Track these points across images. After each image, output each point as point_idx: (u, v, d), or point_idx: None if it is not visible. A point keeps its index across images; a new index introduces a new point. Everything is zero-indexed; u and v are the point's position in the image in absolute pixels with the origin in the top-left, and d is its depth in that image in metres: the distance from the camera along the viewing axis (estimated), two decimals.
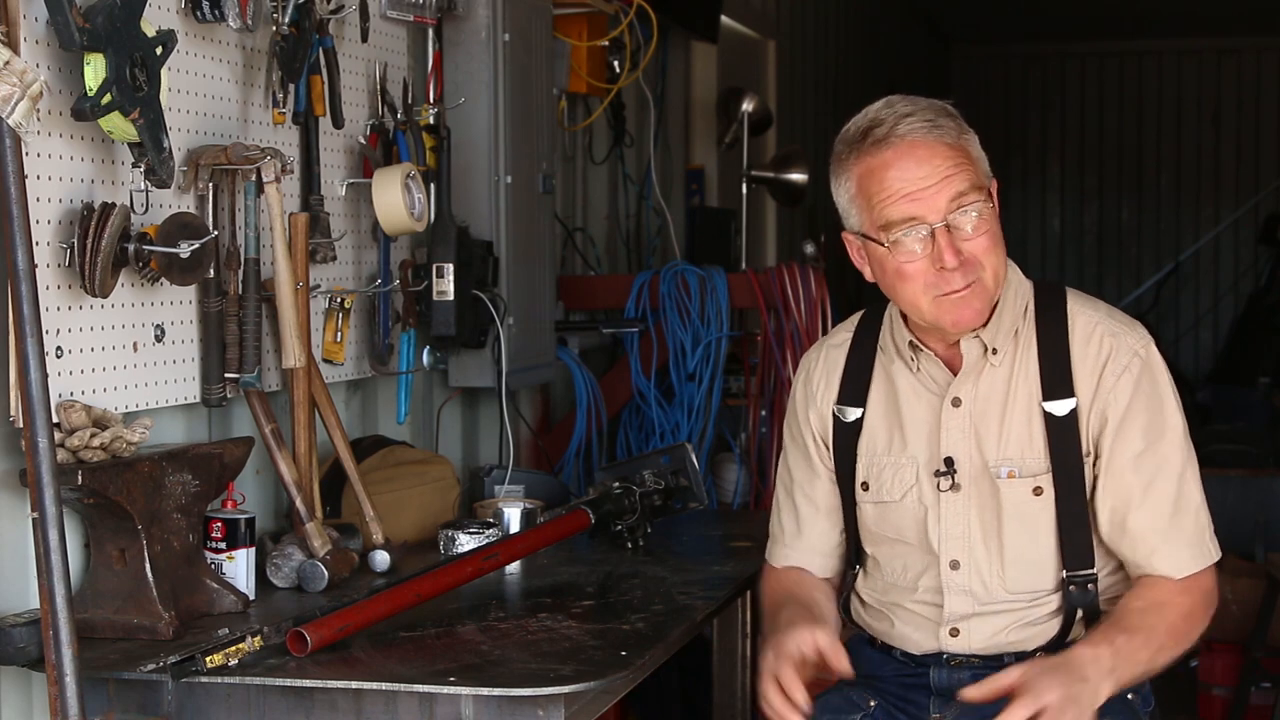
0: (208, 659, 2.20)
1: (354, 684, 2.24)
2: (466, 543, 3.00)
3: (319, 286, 3.00)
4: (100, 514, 2.43)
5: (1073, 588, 2.39)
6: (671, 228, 5.22)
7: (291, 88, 2.89)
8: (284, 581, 2.76)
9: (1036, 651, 2.41)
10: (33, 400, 2.13)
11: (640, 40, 4.52)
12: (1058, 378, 2.39)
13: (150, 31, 2.40)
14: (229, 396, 2.73)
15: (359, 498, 2.97)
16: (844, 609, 2.60)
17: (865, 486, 2.50)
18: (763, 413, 4.32)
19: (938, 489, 2.43)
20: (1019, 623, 2.42)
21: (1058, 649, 2.40)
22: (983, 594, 2.42)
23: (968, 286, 2.32)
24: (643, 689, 3.43)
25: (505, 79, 3.50)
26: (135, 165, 2.44)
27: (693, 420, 4.29)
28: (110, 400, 2.49)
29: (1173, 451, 2.39)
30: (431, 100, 3.43)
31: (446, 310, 3.37)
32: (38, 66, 2.27)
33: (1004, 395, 2.41)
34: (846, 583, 2.59)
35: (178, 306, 2.65)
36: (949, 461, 2.42)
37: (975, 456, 2.42)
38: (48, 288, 2.34)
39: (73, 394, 2.41)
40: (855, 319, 2.59)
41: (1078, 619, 2.41)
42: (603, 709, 2.41)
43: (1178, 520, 2.37)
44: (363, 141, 3.20)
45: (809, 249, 4.38)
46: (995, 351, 2.41)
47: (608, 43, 4.35)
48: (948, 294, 2.32)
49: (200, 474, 2.55)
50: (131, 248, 2.43)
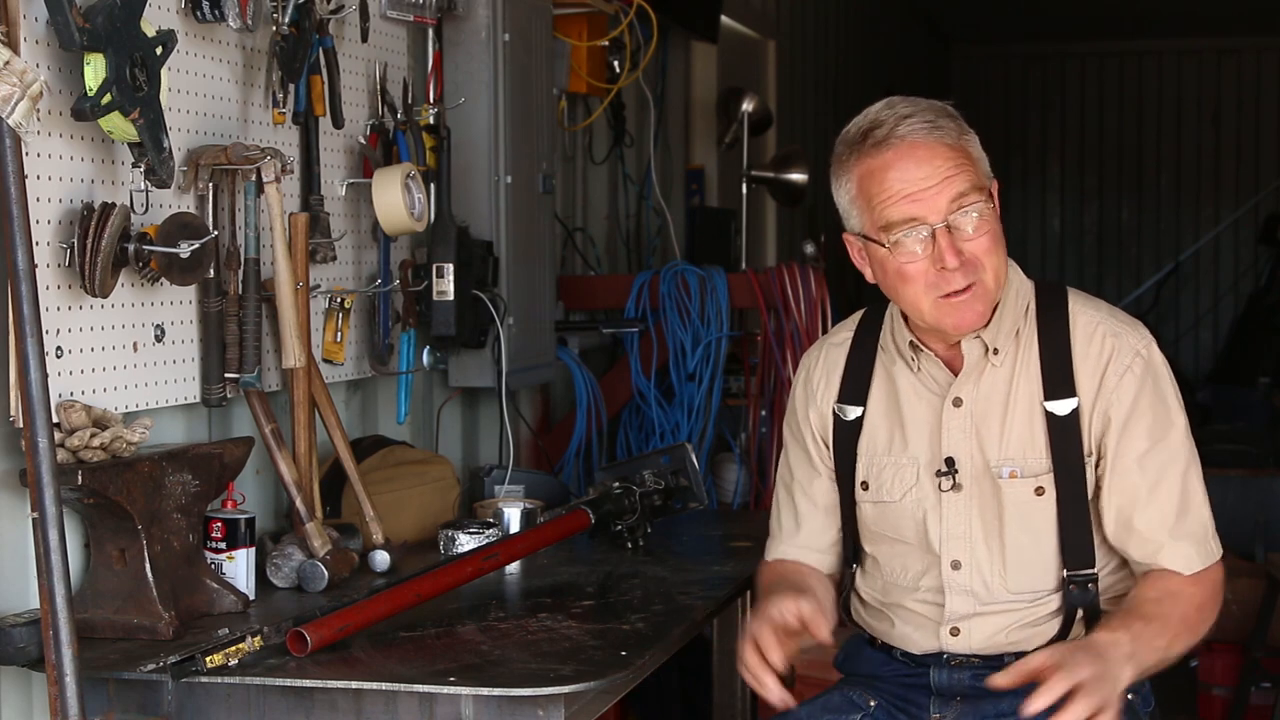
0: (208, 659, 2.20)
1: (354, 684, 2.24)
2: (466, 543, 3.00)
3: (319, 286, 3.00)
4: (100, 514, 2.42)
5: (1073, 587, 2.39)
6: (671, 228, 5.22)
7: (291, 88, 2.89)
8: (284, 581, 2.76)
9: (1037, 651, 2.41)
10: (33, 400, 2.13)
11: (640, 40, 4.52)
12: (1059, 377, 2.39)
13: (150, 31, 2.40)
14: (229, 396, 2.73)
15: (359, 498, 2.97)
16: (844, 609, 2.60)
17: (865, 486, 2.50)
18: (763, 413, 4.32)
19: (939, 489, 2.43)
20: (1019, 623, 2.42)
21: None
22: (984, 594, 2.42)
23: (969, 287, 2.32)
24: (643, 689, 3.43)
25: (505, 79, 3.50)
26: (135, 165, 2.44)
27: (693, 420, 4.28)
28: (110, 400, 2.49)
29: (1177, 450, 2.39)
30: (431, 100, 3.43)
31: (446, 310, 3.37)
32: (38, 66, 2.27)
33: (1005, 395, 2.41)
34: (845, 582, 2.59)
35: (178, 306, 2.65)
36: (950, 461, 2.42)
37: (977, 456, 2.42)
38: (48, 288, 2.33)
39: (73, 394, 2.41)
40: (856, 318, 2.59)
41: (1078, 619, 2.40)
42: (603, 709, 2.41)
43: (1183, 518, 2.37)
44: (363, 141, 3.20)
45: (809, 249, 4.38)
46: (996, 352, 2.41)
47: (608, 43, 4.35)
48: (949, 295, 2.32)
49: (200, 474, 2.55)
50: (131, 248, 2.43)
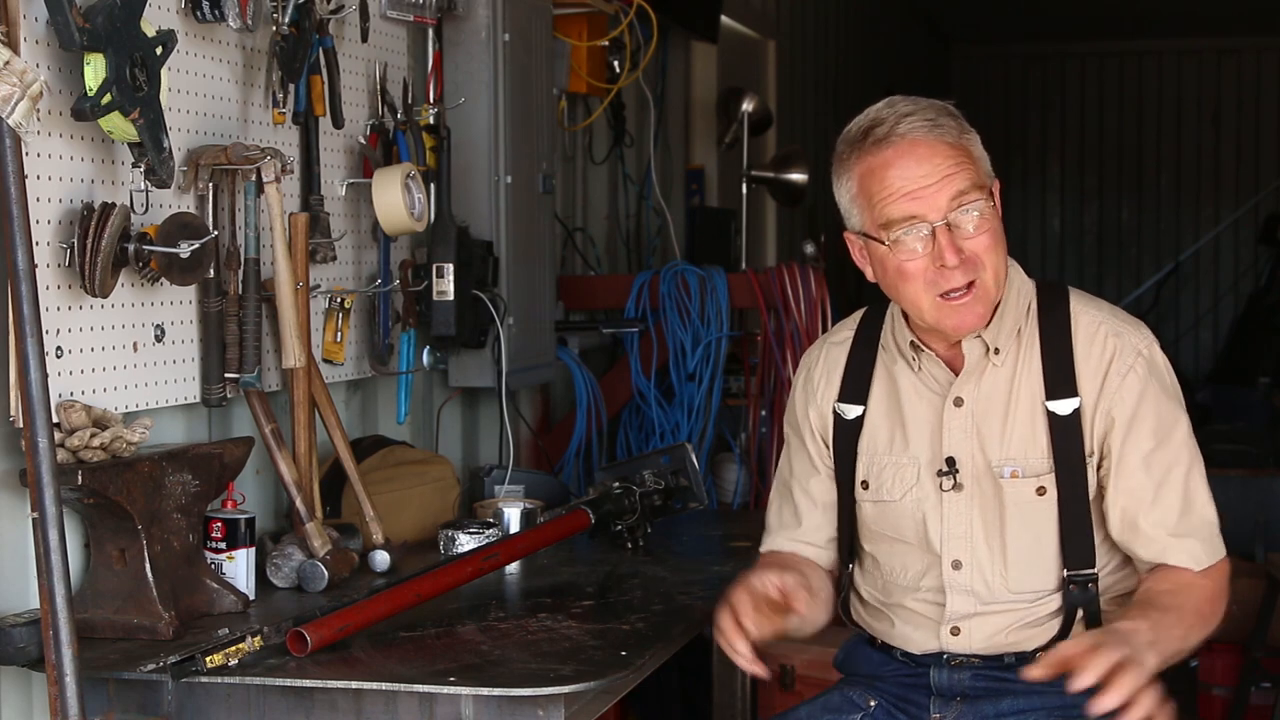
0: (208, 659, 2.20)
1: (354, 684, 2.24)
2: (466, 543, 3.00)
3: (319, 286, 3.00)
4: (100, 514, 2.42)
5: (1073, 587, 2.39)
6: (671, 228, 5.22)
7: (291, 88, 2.89)
8: (284, 581, 2.76)
9: (1036, 651, 2.41)
10: (33, 400, 2.13)
11: (640, 40, 4.52)
12: (1061, 377, 2.39)
13: (150, 31, 2.40)
14: (229, 396, 2.73)
15: (359, 498, 2.97)
16: (843, 608, 2.59)
17: (865, 485, 2.50)
18: (763, 413, 4.32)
19: (940, 489, 2.43)
20: (1020, 623, 2.42)
21: None
22: (985, 593, 2.42)
23: (968, 286, 2.31)
24: (643, 689, 3.43)
25: (505, 79, 3.50)
26: (135, 165, 2.44)
27: (693, 420, 4.28)
28: (110, 400, 2.49)
29: (1181, 449, 2.39)
30: (431, 100, 3.43)
31: (446, 310, 3.37)
32: (38, 66, 2.27)
33: (1007, 395, 2.41)
34: (844, 582, 2.59)
35: (178, 306, 2.65)
36: (951, 461, 2.42)
37: (978, 456, 2.41)
38: (48, 288, 2.33)
39: (73, 394, 2.41)
40: (857, 317, 2.59)
41: (1078, 618, 2.40)
42: (603, 709, 2.41)
43: (1189, 517, 2.37)
44: (363, 141, 3.20)
45: (809, 249, 4.37)
46: (997, 351, 2.41)
47: (608, 43, 4.35)
48: (949, 296, 2.32)
49: (200, 474, 2.55)
50: (131, 248, 2.43)
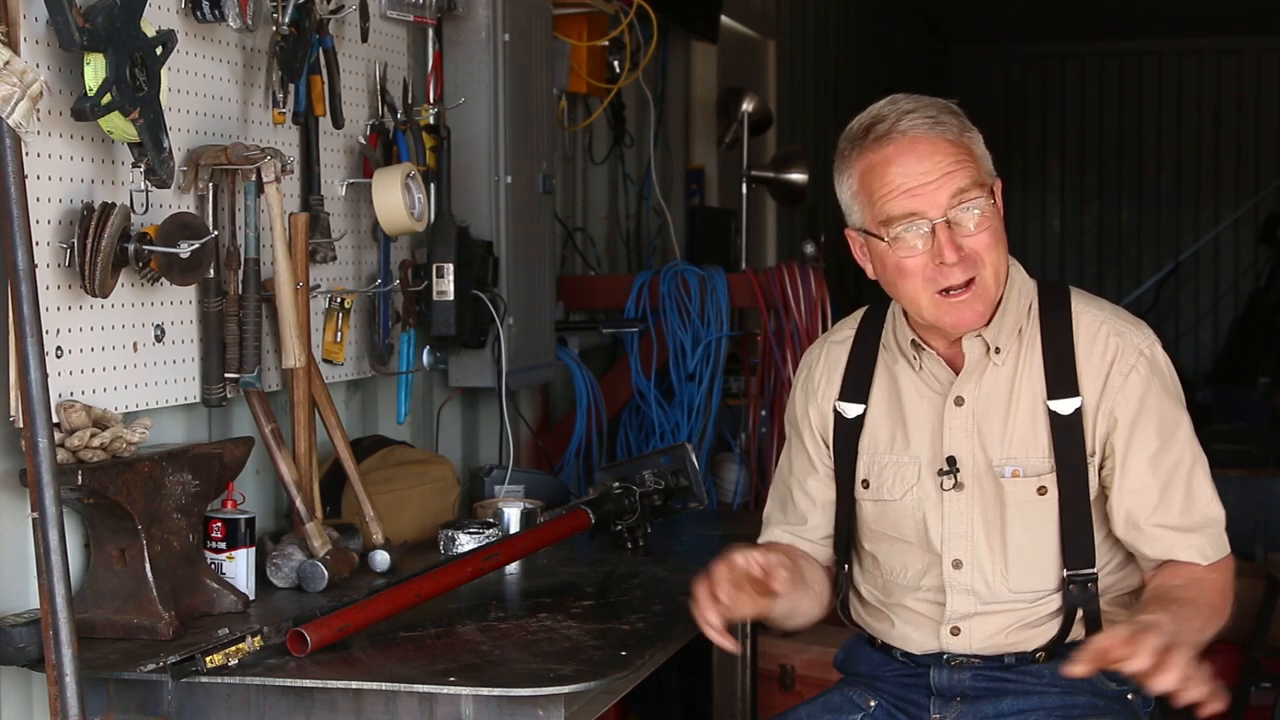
0: (208, 659, 2.20)
1: (354, 684, 2.24)
2: (466, 543, 3.00)
3: (319, 286, 3.00)
4: (100, 514, 2.42)
5: (1073, 587, 2.39)
6: (671, 228, 5.22)
7: (291, 88, 2.89)
8: (284, 581, 2.76)
9: (1037, 651, 2.41)
10: (33, 400, 2.13)
11: (640, 40, 4.51)
12: (1063, 376, 2.39)
13: (150, 31, 2.40)
14: (229, 396, 2.73)
15: (359, 498, 2.97)
16: (843, 608, 2.59)
17: (866, 484, 2.49)
18: (763, 413, 4.32)
19: (940, 488, 2.43)
20: (1020, 623, 2.42)
21: (1057, 649, 2.40)
22: (985, 593, 2.42)
23: (968, 283, 2.31)
24: (643, 689, 3.43)
25: (505, 79, 3.50)
26: (135, 165, 2.44)
27: (693, 420, 4.28)
28: (110, 400, 2.49)
29: (1185, 448, 2.39)
30: (431, 100, 3.43)
31: (446, 310, 3.37)
32: (38, 66, 2.27)
33: (1008, 394, 2.41)
34: (844, 581, 2.58)
35: (178, 306, 2.65)
36: (951, 460, 2.42)
37: (979, 456, 2.41)
38: (48, 288, 2.33)
39: (73, 394, 2.40)
40: (858, 316, 2.59)
41: (1077, 619, 2.40)
42: (603, 709, 2.41)
43: (1193, 515, 2.37)
44: (363, 141, 3.20)
45: (809, 249, 4.37)
46: (998, 351, 2.41)
47: (608, 43, 4.35)
48: (948, 292, 2.32)
49: (200, 474, 2.55)
50: (131, 248, 2.43)
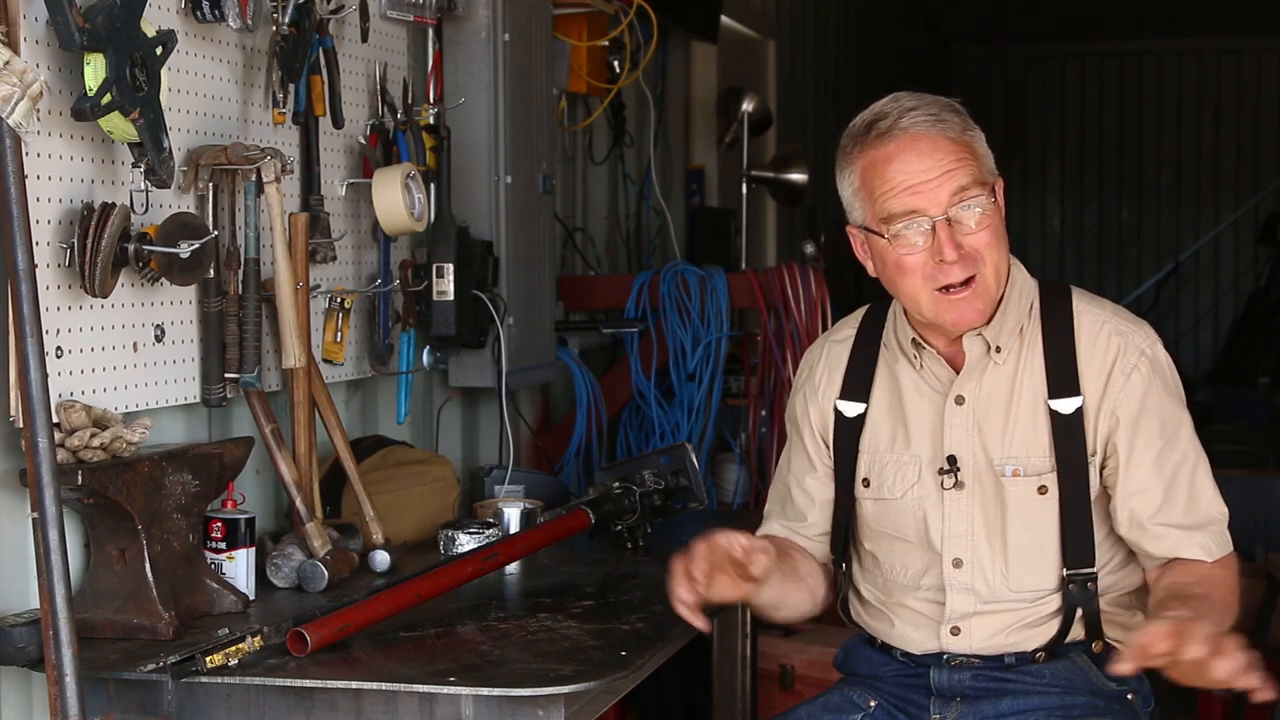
0: (208, 659, 2.20)
1: (354, 684, 2.24)
2: (466, 543, 3.00)
3: (319, 286, 3.00)
4: (100, 514, 2.42)
5: (1073, 586, 2.39)
6: (671, 228, 5.22)
7: (291, 88, 2.89)
8: (284, 581, 2.76)
9: (1037, 651, 2.41)
10: (33, 400, 2.13)
11: (640, 40, 4.51)
12: (1064, 376, 2.39)
13: (150, 31, 2.40)
14: (229, 396, 2.73)
15: (359, 498, 2.97)
16: (843, 608, 2.59)
17: (866, 483, 2.49)
18: (763, 413, 4.32)
19: (941, 487, 2.43)
20: (1020, 622, 2.41)
21: (1057, 649, 2.40)
22: (985, 592, 2.42)
23: (967, 281, 2.31)
24: (643, 689, 3.43)
25: (505, 79, 3.50)
26: (135, 165, 2.44)
27: (693, 420, 4.28)
28: (110, 400, 2.49)
29: (1187, 447, 2.39)
30: (431, 100, 3.43)
31: (446, 310, 3.37)
32: (38, 66, 2.27)
33: (1008, 393, 2.41)
34: (843, 581, 2.58)
35: (178, 306, 2.65)
36: (952, 460, 2.42)
37: (979, 455, 2.41)
38: (48, 288, 2.33)
39: (73, 394, 2.40)
40: (859, 315, 2.59)
41: (1077, 618, 2.40)
42: (603, 709, 2.41)
43: (1197, 513, 2.38)
44: (363, 141, 3.20)
45: (809, 249, 4.38)
46: (999, 350, 2.41)
47: (608, 43, 4.35)
48: (947, 290, 2.32)
49: (200, 474, 2.55)
50: (131, 248, 2.43)
